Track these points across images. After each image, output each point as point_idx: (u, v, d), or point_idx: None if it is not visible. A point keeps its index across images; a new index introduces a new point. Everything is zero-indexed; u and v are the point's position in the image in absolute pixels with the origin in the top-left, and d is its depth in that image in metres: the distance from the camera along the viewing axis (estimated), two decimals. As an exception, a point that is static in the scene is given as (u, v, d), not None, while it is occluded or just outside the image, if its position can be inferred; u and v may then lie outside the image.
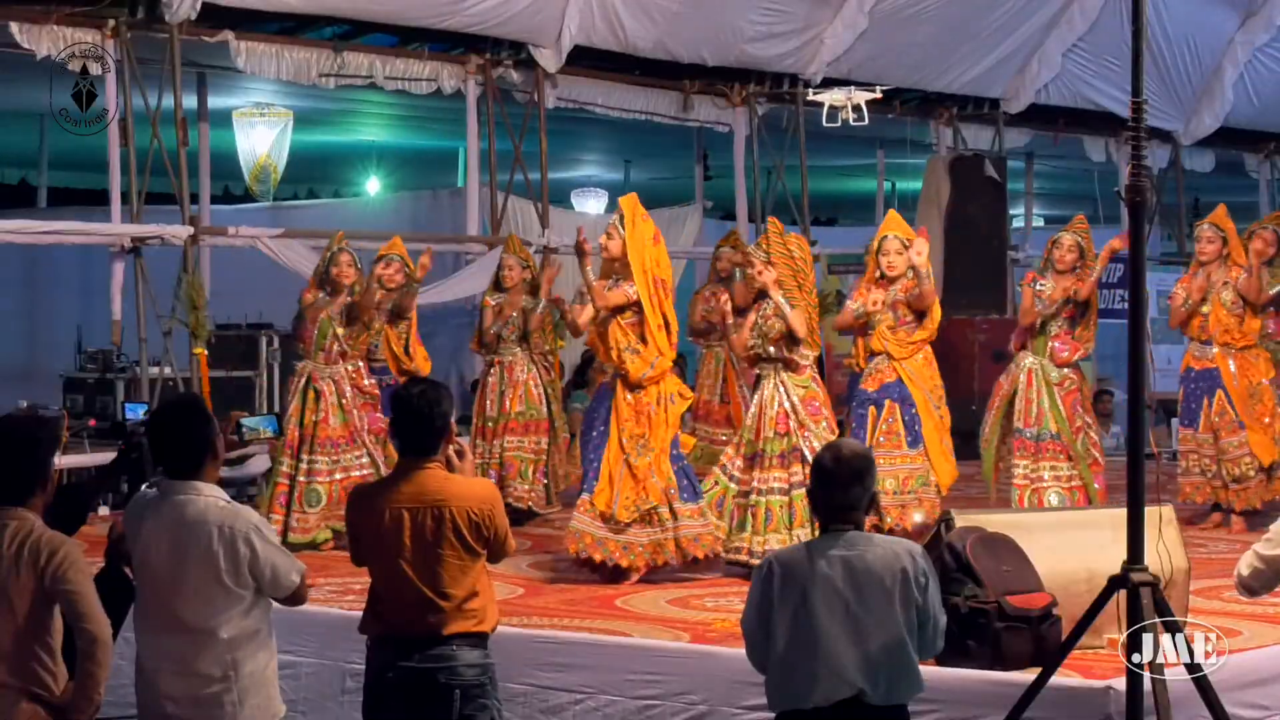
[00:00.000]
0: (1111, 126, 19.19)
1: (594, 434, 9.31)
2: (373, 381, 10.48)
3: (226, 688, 5.06)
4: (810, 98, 14.58)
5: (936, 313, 10.06)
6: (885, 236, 10.01)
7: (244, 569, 5.05)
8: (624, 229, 9.20)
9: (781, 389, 9.28)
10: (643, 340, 9.12)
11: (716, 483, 9.44)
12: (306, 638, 7.74)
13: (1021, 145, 19.92)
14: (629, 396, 9.15)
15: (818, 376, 9.54)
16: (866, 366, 9.99)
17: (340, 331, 10.25)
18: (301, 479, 10.14)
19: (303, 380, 10.29)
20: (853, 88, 14.32)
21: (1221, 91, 19.71)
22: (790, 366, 9.31)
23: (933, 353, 10.16)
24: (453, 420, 5.60)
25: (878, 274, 10.00)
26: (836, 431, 9.59)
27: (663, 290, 9.25)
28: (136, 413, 10.42)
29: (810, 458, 8.91)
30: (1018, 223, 20.64)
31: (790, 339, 9.25)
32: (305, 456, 10.16)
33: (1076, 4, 17.69)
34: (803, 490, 9.00)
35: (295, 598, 5.23)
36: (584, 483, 9.29)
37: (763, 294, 9.38)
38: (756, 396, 9.47)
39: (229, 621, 5.05)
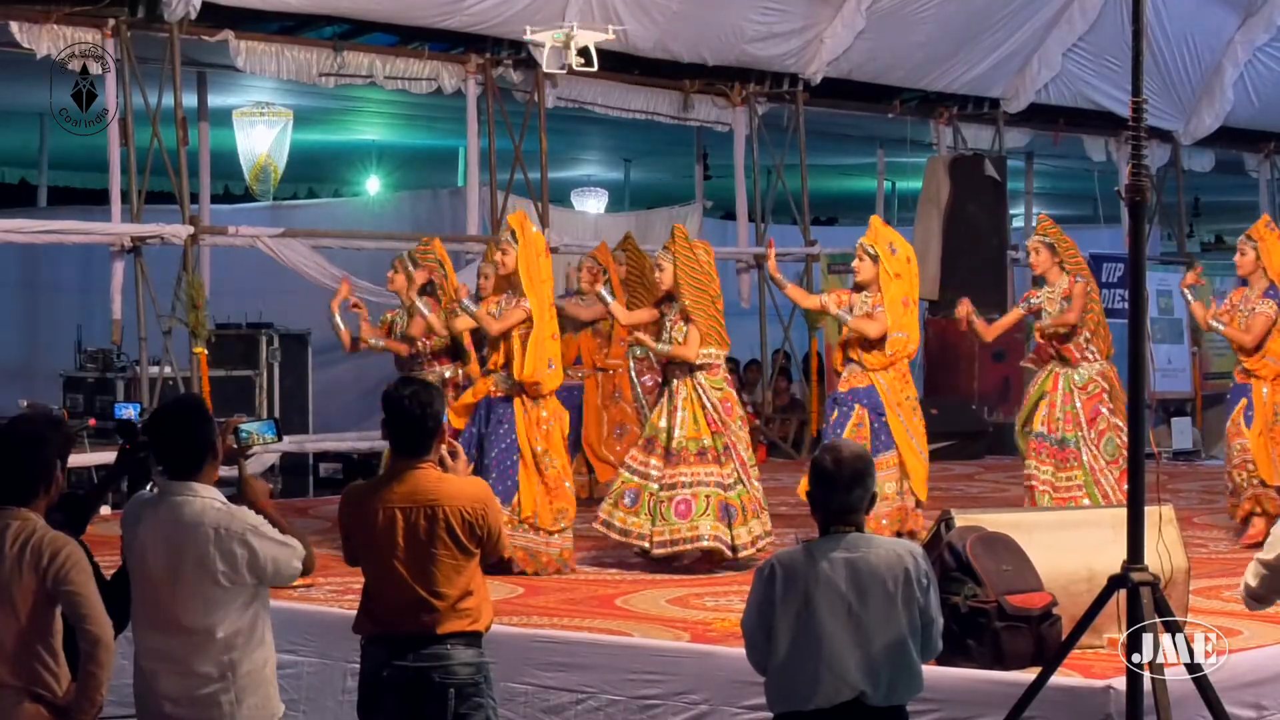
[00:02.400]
0: (1111, 126, 19.19)
1: (503, 447, 9.47)
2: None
3: (224, 687, 5.05)
4: (528, 37, 13.06)
5: (903, 329, 10.13)
6: (857, 246, 10.20)
7: (242, 569, 5.05)
8: (516, 243, 9.50)
9: (700, 390, 9.57)
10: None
11: (625, 481, 9.67)
12: (307, 637, 7.75)
13: (1021, 145, 19.92)
14: (528, 412, 9.45)
15: (729, 376, 9.91)
16: (843, 371, 10.12)
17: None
18: None
19: None
20: (575, 24, 12.89)
21: (1221, 91, 19.71)
22: (701, 366, 9.59)
23: (907, 365, 10.29)
24: (445, 420, 5.61)
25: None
26: (748, 428, 10.13)
27: (552, 302, 9.69)
28: (126, 411, 10.38)
29: (737, 454, 9.49)
30: (1018, 222, 20.64)
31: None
32: None
33: (1076, 4, 17.69)
34: (741, 488, 9.46)
35: (305, 573, 5.23)
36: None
37: (669, 296, 9.66)
38: (669, 394, 9.68)
39: (225, 621, 5.04)
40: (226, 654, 5.05)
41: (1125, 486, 9.77)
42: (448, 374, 10.22)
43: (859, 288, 10.15)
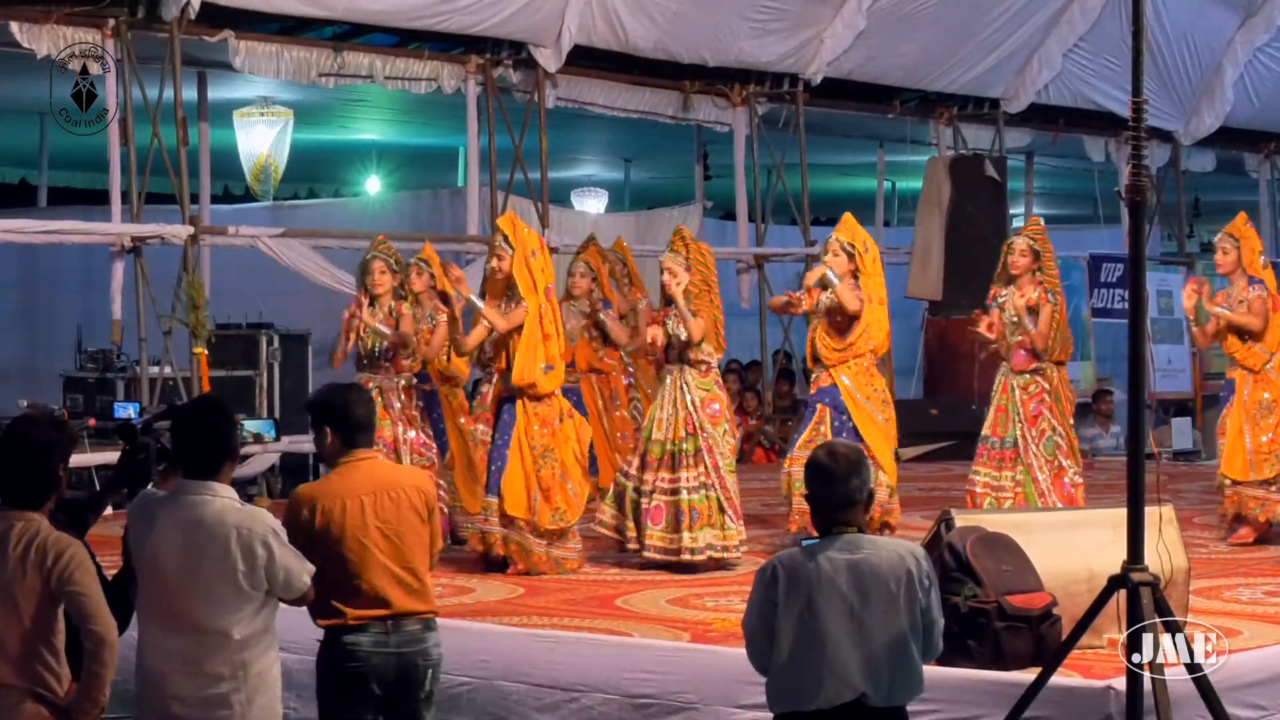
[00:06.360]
0: (1111, 126, 19.19)
1: (501, 444, 9.52)
2: (420, 405, 10.37)
3: (235, 687, 5.05)
4: None
5: (868, 324, 10.07)
6: (829, 239, 10.20)
7: (260, 571, 5.06)
8: (510, 248, 9.54)
9: (685, 389, 9.59)
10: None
11: (618, 484, 9.83)
12: (302, 635, 7.72)
13: (1021, 145, 19.92)
14: (529, 412, 9.47)
15: (720, 380, 9.92)
16: (814, 371, 10.15)
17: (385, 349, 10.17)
18: None
19: None
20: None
21: (1221, 91, 19.72)
22: (694, 366, 9.62)
23: (873, 360, 10.23)
24: None
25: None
26: (737, 435, 10.19)
27: (552, 299, 9.67)
28: (125, 411, 10.35)
29: (709, 459, 9.45)
30: (1018, 223, 20.61)
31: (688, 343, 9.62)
32: None
33: (1077, 4, 17.69)
34: (712, 491, 9.48)
35: (303, 599, 5.29)
36: (487, 488, 9.54)
37: (670, 300, 9.69)
38: (660, 397, 9.74)
39: (241, 622, 5.06)
40: (240, 654, 5.05)
41: (1060, 489, 9.92)
42: (403, 382, 10.22)
43: (826, 284, 10.14)
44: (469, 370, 11.11)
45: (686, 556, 9.48)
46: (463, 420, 10.90)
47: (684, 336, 9.61)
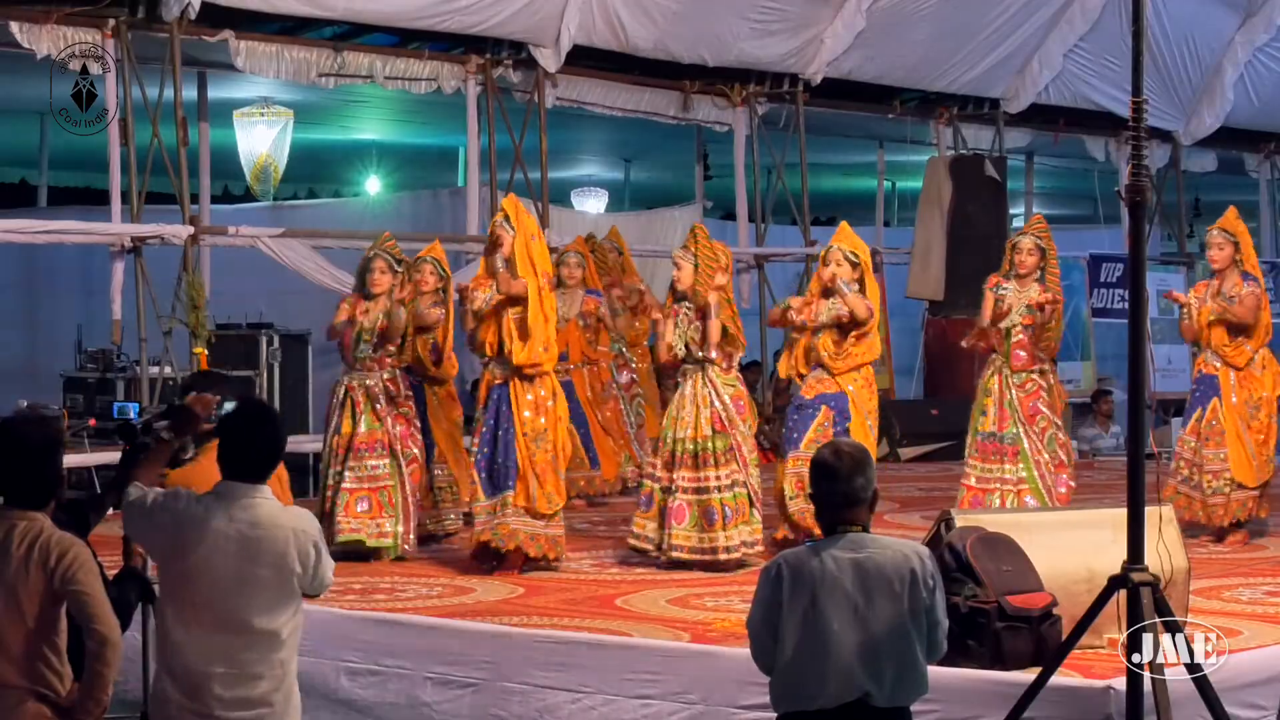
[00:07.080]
0: (1111, 126, 19.20)
1: (501, 433, 9.47)
2: (408, 394, 10.40)
3: (275, 686, 5.04)
4: None
5: (874, 335, 10.07)
6: (830, 248, 10.07)
7: (310, 572, 5.08)
8: (512, 228, 9.51)
9: (711, 388, 9.56)
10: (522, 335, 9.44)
11: (644, 486, 9.77)
12: (301, 635, 7.72)
13: (1021, 145, 19.93)
14: (526, 393, 9.42)
15: (741, 376, 9.93)
16: (808, 374, 10.03)
17: (373, 343, 10.19)
18: (348, 485, 10.03)
19: (342, 391, 10.24)
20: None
21: (1221, 91, 19.72)
22: (714, 363, 9.59)
23: (872, 373, 10.20)
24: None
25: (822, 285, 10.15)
26: (755, 430, 10.18)
27: (548, 283, 9.65)
28: (125, 411, 10.33)
29: (740, 455, 9.46)
30: (1018, 223, 20.63)
31: (702, 343, 9.57)
32: (349, 464, 10.07)
33: (1077, 4, 17.70)
34: (743, 488, 9.48)
35: (322, 593, 5.35)
36: (497, 481, 9.47)
37: (682, 296, 9.63)
38: (681, 395, 9.67)
39: (289, 621, 5.07)
40: (281, 653, 5.05)
41: (1060, 489, 9.92)
42: (386, 375, 10.22)
43: (828, 292, 10.07)
44: (455, 370, 11.15)
45: (724, 556, 9.45)
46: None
47: (699, 338, 9.58)
